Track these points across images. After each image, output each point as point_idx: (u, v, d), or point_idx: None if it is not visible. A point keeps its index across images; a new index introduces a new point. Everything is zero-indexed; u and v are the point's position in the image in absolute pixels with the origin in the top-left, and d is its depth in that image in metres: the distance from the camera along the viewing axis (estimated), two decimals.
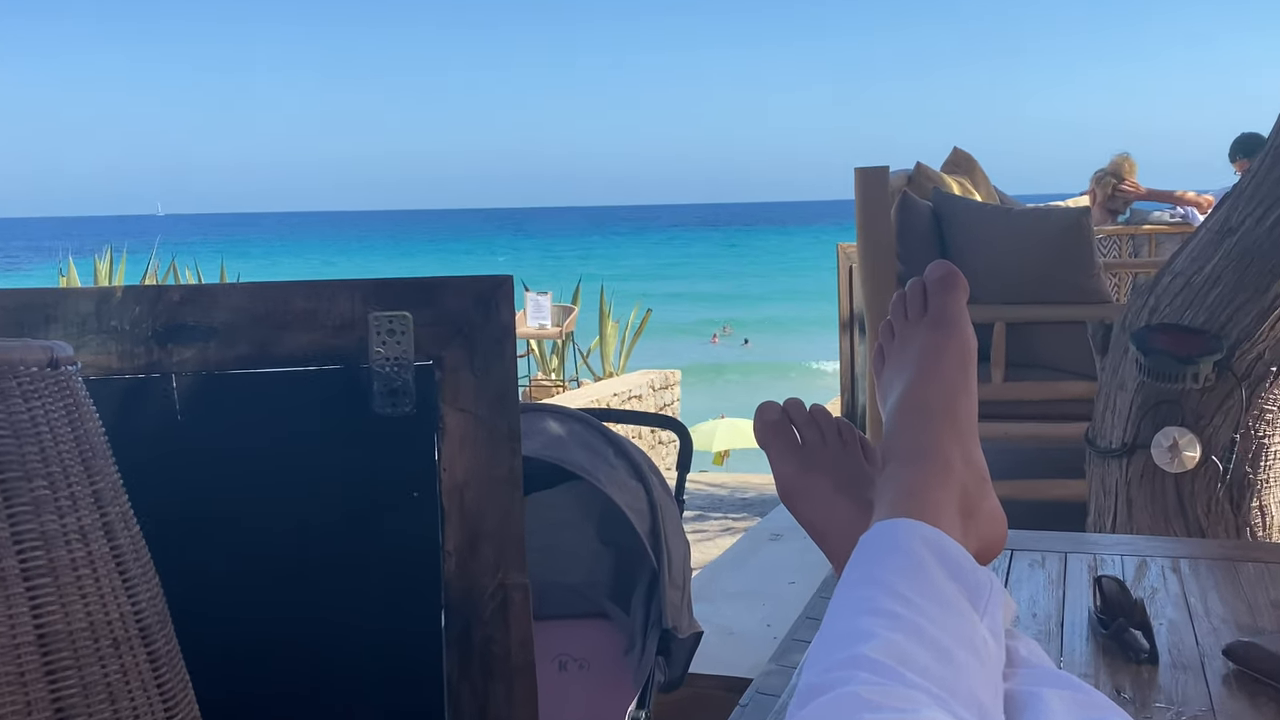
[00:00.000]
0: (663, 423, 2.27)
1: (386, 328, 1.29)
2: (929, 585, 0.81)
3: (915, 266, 3.70)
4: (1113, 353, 2.70)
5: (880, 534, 0.87)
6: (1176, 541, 2.03)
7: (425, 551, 1.31)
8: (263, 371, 1.30)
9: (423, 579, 1.31)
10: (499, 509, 1.31)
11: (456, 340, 1.31)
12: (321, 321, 1.30)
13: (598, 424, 1.95)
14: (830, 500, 1.07)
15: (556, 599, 2.09)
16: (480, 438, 1.31)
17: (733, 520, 6.21)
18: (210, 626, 1.27)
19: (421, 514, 1.31)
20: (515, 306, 1.36)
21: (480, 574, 1.32)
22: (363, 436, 1.31)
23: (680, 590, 1.86)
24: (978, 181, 4.84)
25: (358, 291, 1.30)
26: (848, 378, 5.63)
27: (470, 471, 1.31)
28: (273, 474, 1.31)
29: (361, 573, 1.32)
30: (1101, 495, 2.66)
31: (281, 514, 1.32)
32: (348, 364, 1.30)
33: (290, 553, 1.32)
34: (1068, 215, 3.85)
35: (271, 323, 1.30)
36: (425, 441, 1.31)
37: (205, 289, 1.30)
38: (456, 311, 1.31)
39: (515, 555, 1.32)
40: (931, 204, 4.07)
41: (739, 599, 3.69)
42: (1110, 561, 1.75)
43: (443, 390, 1.31)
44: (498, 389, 1.32)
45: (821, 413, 1.15)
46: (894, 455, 0.99)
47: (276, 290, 1.30)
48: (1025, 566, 1.73)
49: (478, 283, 1.32)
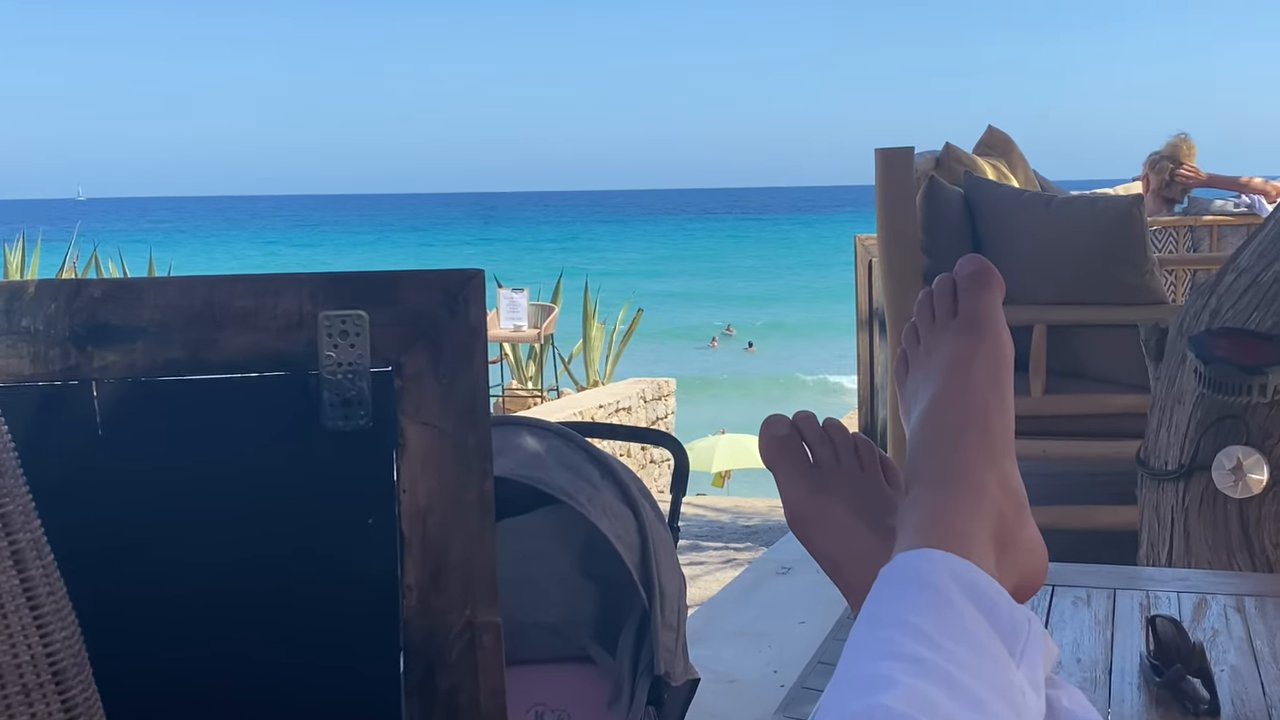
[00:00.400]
0: (655, 439, 2.27)
1: (339, 329, 1.29)
2: (959, 626, 0.81)
3: (943, 261, 3.71)
4: (1168, 361, 2.70)
5: (903, 567, 0.87)
6: (1241, 577, 2.03)
7: (382, 586, 1.31)
8: (196, 379, 1.29)
9: (379, 617, 1.31)
10: (467, 537, 1.31)
11: (419, 343, 1.31)
12: (264, 321, 1.30)
13: (581, 440, 1.94)
14: (846, 528, 1.07)
15: (532, 640, 2.08)
16: (446, 455, 1.31)
17: (735, 551, 6.21)
18: (133, 671, 1.26)
19: (378, 543, 1.31)
20: (487, 305, 1.35)
21: (445, 612, 1.31)
22: (311, 453, 1.30)
23: (674, 631, 1.86)
24: (1015, 165, 4.85)
25: (306, 287, 1.30)
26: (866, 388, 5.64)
27: (434, 494, 1.31)
28: (207, 496, 1.31)
29: (308, 610, 1.32)
30: (1155, 524, 2.67)
31: (217, 542, 1.31)
32: (294, 370, 1.30)
33: (226, 587, 1.31)
34: (1118, 204, 3.87)
35: (207, 322, 1.29)
36: (382, 460, 1.30)
37: (131, 283, 1.30)
38: (419, 310, 1.31)
39: (485, 590, 1.32)
40: (962, 190, 4.09)
41: (741, 641, 3.70)
42: (1165, 599, 1.75)
43: (403, 401, 1.30)
44: (466, 399, 1.31)
45: (836, 428, 1.15)
46: (919, 477, 0.99)
47: (213, 285, 1.30)
48: (1068, 604, 1.73)
49: (444, 277, 1.32)
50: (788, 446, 1.13)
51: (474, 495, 1.31)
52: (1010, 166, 4.81)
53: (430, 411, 1.31)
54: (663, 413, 10.35)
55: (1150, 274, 3.77)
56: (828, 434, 1.14)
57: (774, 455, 1.13)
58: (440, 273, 1.32)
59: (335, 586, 1.32)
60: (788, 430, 1.14)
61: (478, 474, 1.31)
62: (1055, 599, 1.74)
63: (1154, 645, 1.48)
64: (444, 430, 1.31)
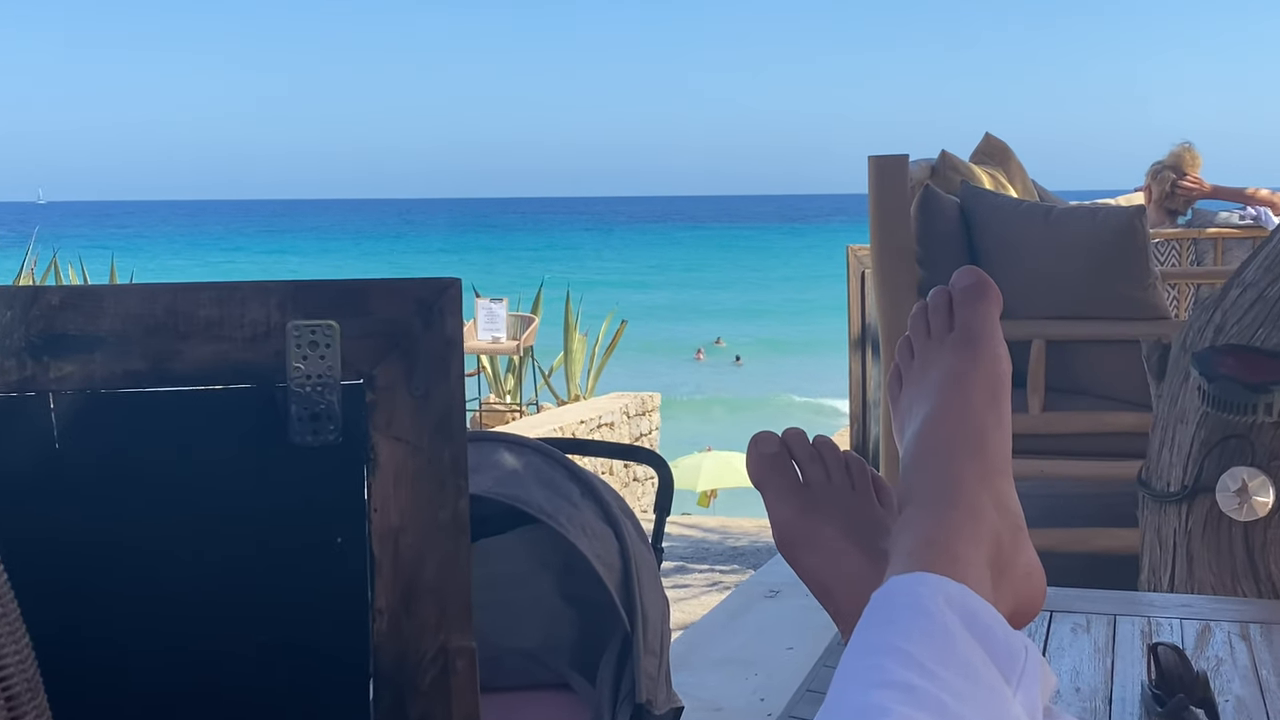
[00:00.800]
0: (638, 456, 2.26)
1: (308, 339, 1.29)
2: (953, 653, 0.81)
3: (939, 273, 3.72)
4: (1171, 379, 2.71)
5: (896, 591, 0.87)
6: (1246, 603, 2.04)
7: (351, 608, 1.30)
8: (158, 391, 1.29)
9: (347, 641, 1.30)
10: (440, 558, 1.31)
11: (392, 355, 1.30)
12: (229, 332, 1.29)
13: (561, 457, 1.94)
14: (837, 550, 1.07)
15: (508, 667, 2.08)
16: (419, 472, 1.30)
17: (721, 573, 6.21)
18: (90, 695, 1.26)
19: (347, 563, 1.30)
20: (464, 315, 1.35)
21: (417, 636, 1.31)
22: (277, 470, 1.30)
23: (657, 657, 1.86)
24: (1013, 174, 4.88)
25: (274, 296, 1.30)
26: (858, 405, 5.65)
27: (406, 513, 1.30)
28: (169, 514, 1.30)
29: (274, 634, 1.31)
30: (1157, 547, 2.68)
31: (178, 562, 1.30)
32: (261, 383, 1.29)
33: (188, 609, 1.30)
34: (1119, 216, 3.88)
35: (170, 332, 1.29)
36: (352, 476, 1.30)
37: (91, 291, 1.29)
38: (392, 321, 1.31)
39: (459, 614, 1.31)
40: (959, 200, 4.10)
41: (727, 668, 3.69)
42: (1167, 626, 1.75)
43: (374, 415, 1.30)
44: (441, 414, 1.31)
45: (827, 446, 1.15)
46: (913, 498, 0.99)
47: (176, 293, 1.30)
48: (1067, 631, 1.73)
49: (418, 286, 1.31)
50: (776, 464, 1.13)
51: (448, 514, 1.31)
52: (1008, 176, 4.83)
53: (403, 426, 1.30)
54: (647, 429, 10.35)
55: (1152, 288, 3.79)
56: (818, 452, 1.14)
57: (762, 473, 1.13)
58: (414, 281, 1.32)
59: (302, 609, 1.31)
60: (777, 448, 1.13)
61: (452, 492, 1.31)
62: (1053, 625, 1.75)
63: (1156, 674, 1.48)
64: (417, 446, 1.30)
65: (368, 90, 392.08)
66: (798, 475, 1.13)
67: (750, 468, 1.13)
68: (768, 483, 1.12)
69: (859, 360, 5.67)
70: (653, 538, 2.03)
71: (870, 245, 3.95)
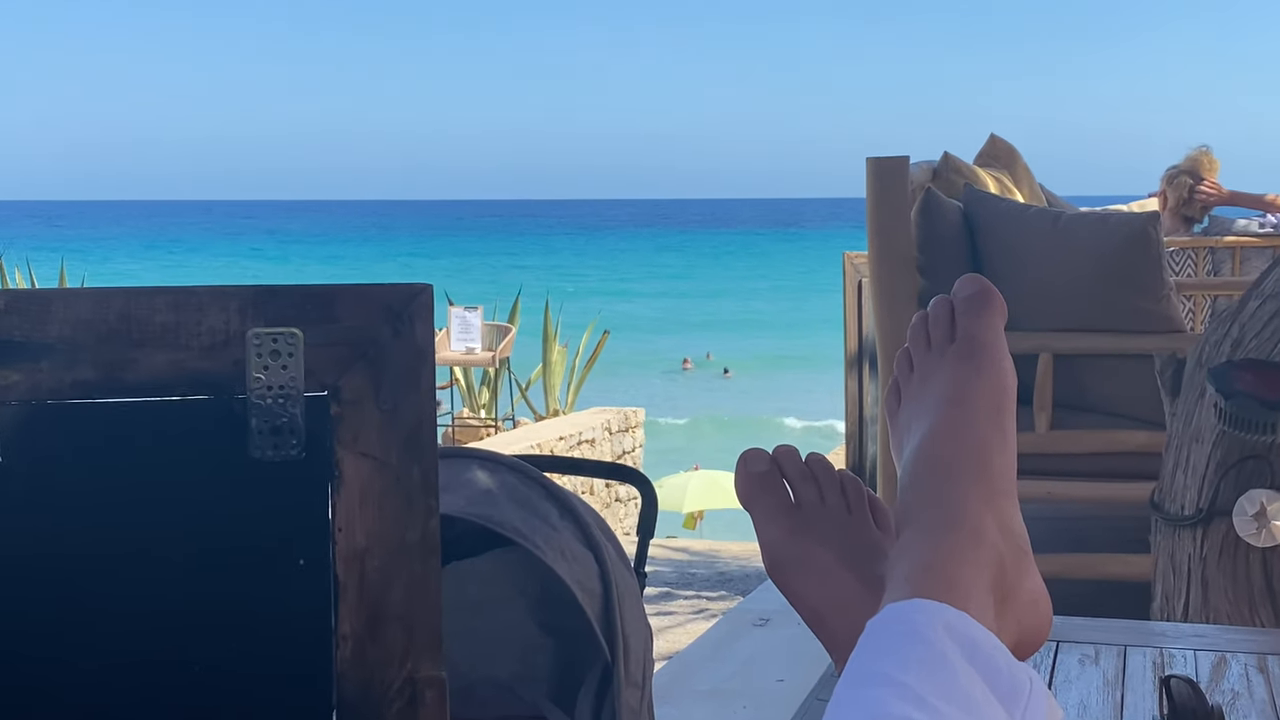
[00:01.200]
0: (621, 474, 2.26)
1: (269, 348, 1.28)
2: (953, 685, 0.81)
3: (940, 282, 3.73)
4: (1185, 395, 2.72)
5: (893, 619, 0.87)
6: (1264, 633, 2.04)
7: (313, 635, 1.30)
8: (109, 402, 1.28)
9: (309, 670, 1.30)
10: (409, 582, 1.31)
11: (358, 365, 1.30)
12: (186, 339, 1.29)
13: (538, 476, 1.94)
14: (830, 575, 1.07)
15: (481, 698, 2.07)
16: (387, 491, 1.30)
17: (707, 600, 6.21)
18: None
19: (309, 587, 1.30)
20: (436, 324, 1.35)
21: (383, 665, 1.30)
22: (236, 486, 1.29)
23: (639, 689, 1.86)
24: (1019, 178, 4.90)
25: (234, 301, 1.29)
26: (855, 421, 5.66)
27: (373, 534, 1.30)
28: (120, 532, 1.30)
29: (231, 661, 1.31)
30: (1170, 574, 2.68)
31: (130, 583, 1.30)
32: (219, 394, 1.29)
33: (139, 633, 1.30)
34: (1132, 222, 3.90)
35: (122, 340, 1.28)
36: (316, 494, 1.30)
37: (37, 295, 1.29)
38: (359, 329, 1.30)
39: (429, 642, 1.31)
40: (961, 205, 4.11)
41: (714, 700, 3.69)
42: (1181, 658, 1.76)
43: (339, 429, 1.30)
44: (410, 428, 1.31)
45: (821, 465, 1.16)
46: (911, 520, 0.99)
47: (130, 298, 1.29)
48: (1075, 662, 1.73)
49: (387, 292, 1.31)
50: (767, 484, 1.13)
51: (417, 535, 1.30)
52: (1014, 179, 4.85)
53: (370, 441, 1.30)
54: (630, 446, 10.35)
55: (1166, 299, 3.80)
56: (811, 471, 1.14)
57: (752, 494, 1.13)
58: (384, 287, 1.32)
59: (261, 635, 1.31)
60: (767, 466, 1.14)
61: (422, 511, 1.31)
62: (1060, 656, 1.75)
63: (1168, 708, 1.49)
64: (385, 462, 1.30)
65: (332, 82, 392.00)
66: (789, 495, 1.13)
67: (739, 487, 1.13)
68: (757, 503, 1.12)
69: (855, 375, 5.68)
70: (635, 562, 2.03)
71: (868, 252, 3.96)
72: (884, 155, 3.86)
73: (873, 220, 3.85)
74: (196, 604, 1.31)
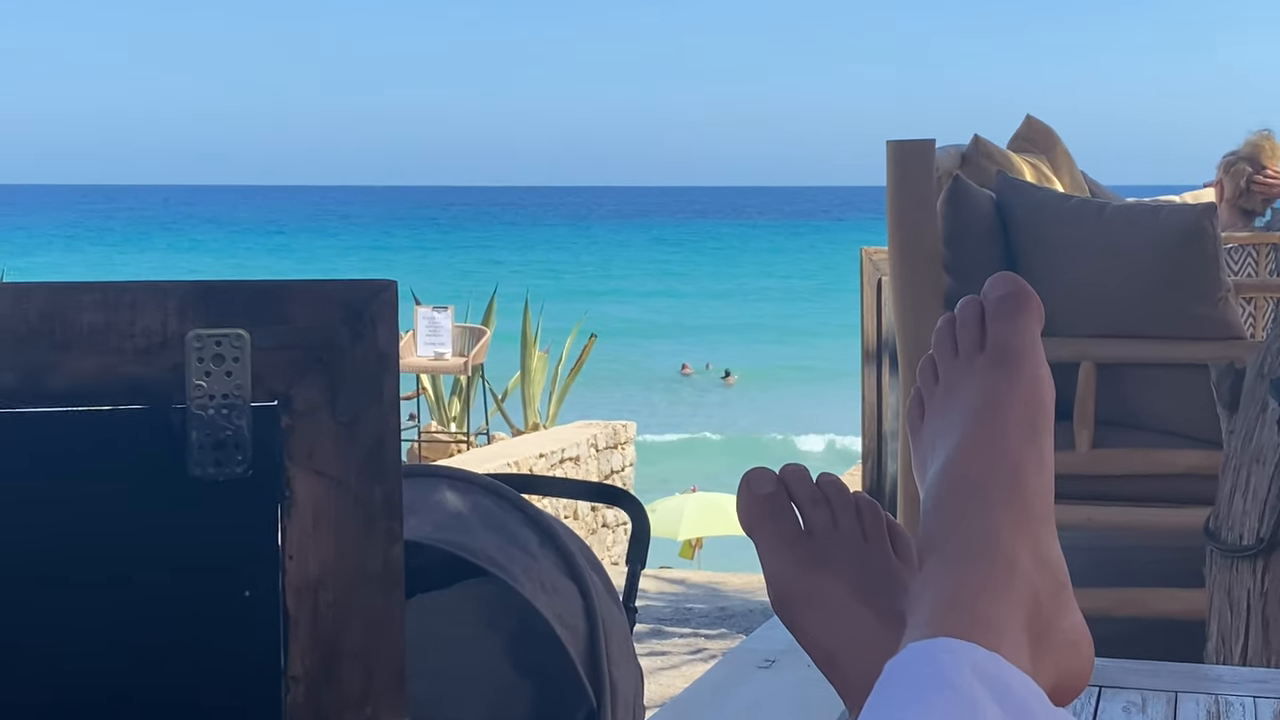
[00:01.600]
0: (609, 497, 2.26)
1: (212, 352, 1.28)
2: None
3: (970, 281, 3.73)
4: (1244, 410, 2.73)
5: (914, 660, 0.87)
6: None
7: (260, 676, 1.30)
8: (31, 411, 1.28)
9: (256, 716, 1.30)
10: (368, 617, 1.30)
11: (313, 372, 1.30)
12: (118, 341, 1.29)
13: (515, 498, 1.94)
14: (844, 611, 1.07)
15: None
16: (344, 513, 1.30)
17: (706, 638, 6.21)
18: None
19: (255, 621, 1.30)
20: (401, 326, 1.35)
21: (340, 709, 1.30)
22: (173, 507, 1.29)
23: None
24: (1059, 164, 4.90)
25: (171, 299, 1.29)
26: (872, 438, 5.66)
27: (328, 562, 1.30)
28: (43, 559, 1.30)
29: (167, 708, 1.31)
30: (1227, 611, 2.69)
31: (55, 614, 1.30)
32: (155, 403, 1.29)
33: (64, 676, 1.30)
34: (1185, 216, 3.91)
35: (46, 341, 1.28)
36: (264, 517, 1.30)
37: None
38: (314, 331, 1.30)
39: (390, 684, 1.31)
40: (994, 194, 4.12)
41: None
42: (1239, 706, 1.76)
43: (291, 444, 1.30)
44: (370, 443, 1.31)
45: (834, 486, 1.15)
46: (936, 548, 0.99)
47: (54, 294, 1.29)
48: (1119, 710, 1.73)
49: (345, 290, 1.31)
50: (773, 508, 1.13)
51: (378, 564, 1.30)
52: (1053, 166, 4.85)
53: (325, 458, 1.30)
54: (619, 464, 10.36)
55: (1224, 302, 3.81)
56: (823, 493, 1.14)
57: (756, 519, 1.13)
58: (341, 284, 1.32)
59: (201, 676, 1.31)
60: (773, 488, 1.13)
61: (383, 537, 1.30)
62: (1103, 703, 1.75)
63: None
64: (342, 481, 1.30)
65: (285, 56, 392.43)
66: (798, 521, 1.13)
67: (742, 512, 1.13)
68: (762, 530, 1.12)
69: (874, 384, 5.68)
70: (625, 595, 2.03)
71: (888, 248, 3.96)
72: (906, 139, 3.87)
73: (894, 211, 3.86)
74: (129, 640, 1.31)
